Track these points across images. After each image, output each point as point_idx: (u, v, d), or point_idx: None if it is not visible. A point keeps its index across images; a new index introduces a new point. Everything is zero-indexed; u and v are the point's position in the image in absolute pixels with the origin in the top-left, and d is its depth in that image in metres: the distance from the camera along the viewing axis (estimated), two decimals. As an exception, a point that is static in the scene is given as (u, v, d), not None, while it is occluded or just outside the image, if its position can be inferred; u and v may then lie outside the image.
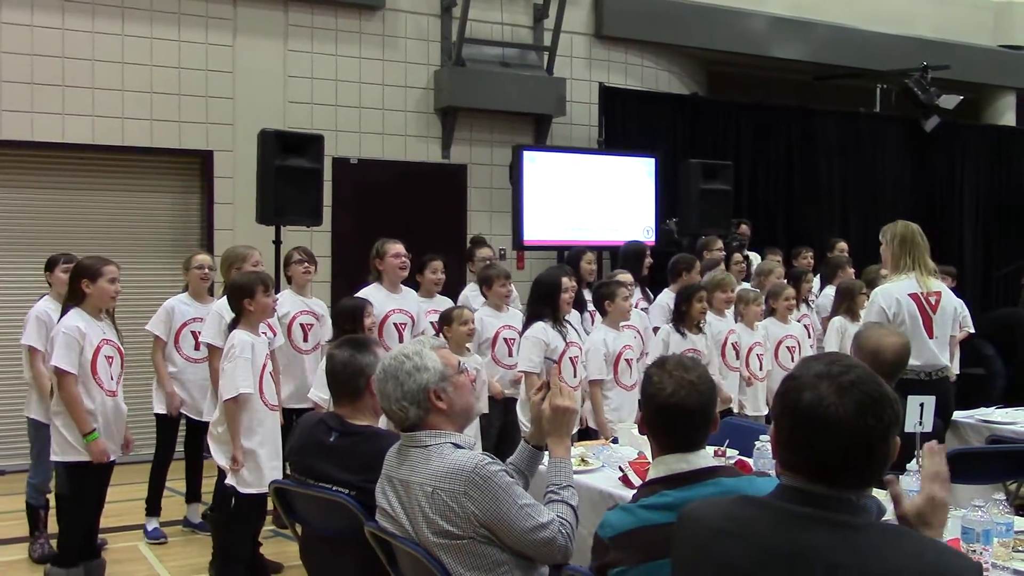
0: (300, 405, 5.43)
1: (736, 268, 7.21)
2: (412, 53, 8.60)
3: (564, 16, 8.77)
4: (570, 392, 2.94)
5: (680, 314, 5.84)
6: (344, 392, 3.14)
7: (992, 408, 5.53)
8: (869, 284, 6.40)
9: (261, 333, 4.67)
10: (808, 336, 6.62)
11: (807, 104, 10.80)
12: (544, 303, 5.43)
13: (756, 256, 8.24)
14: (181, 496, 5.88)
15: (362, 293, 5.57)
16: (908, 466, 2.98)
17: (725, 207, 8.43)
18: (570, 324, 5.56)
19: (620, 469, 3.72)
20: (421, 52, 8.64)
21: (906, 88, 10.60)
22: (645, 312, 6.51)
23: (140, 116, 7.56)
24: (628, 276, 6.27)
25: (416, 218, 8.07)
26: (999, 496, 2.99)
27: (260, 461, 4.47)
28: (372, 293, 5.60)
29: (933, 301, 4.86)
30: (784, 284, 6.68)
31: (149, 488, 5.62)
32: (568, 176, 8.51)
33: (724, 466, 2.52)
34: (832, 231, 9.81)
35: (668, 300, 6.32)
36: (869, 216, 10.54)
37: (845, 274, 7.17)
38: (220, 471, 4.59)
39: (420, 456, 2.65)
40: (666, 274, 6.79)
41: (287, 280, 5.88)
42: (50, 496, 5.20)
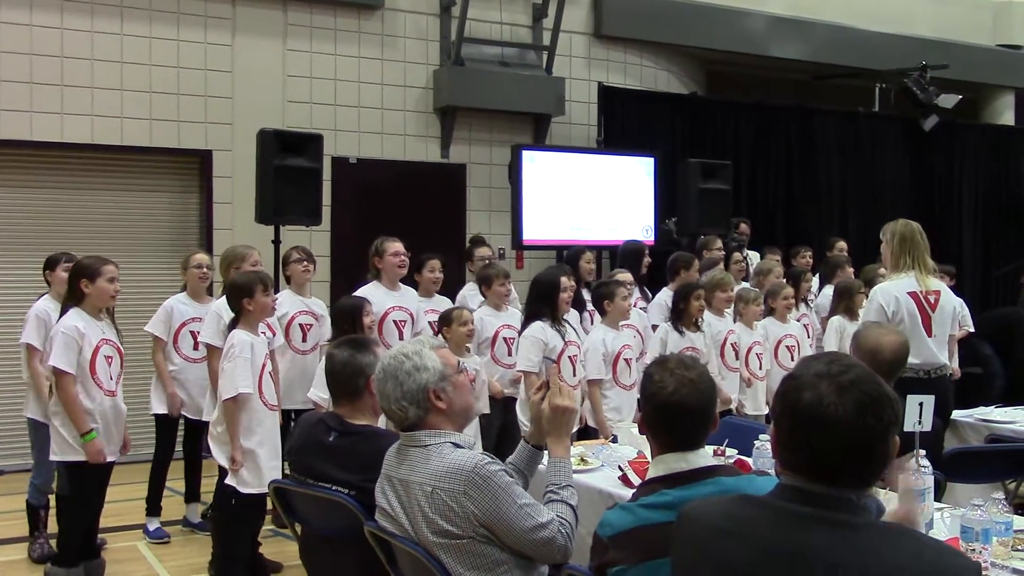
0: (299, 406, 5.44)
1: (736, 268, 7.21)
2: (411, 52, 8.60)
3: (563, 15, 8.77)
4: (569, 392, 2.94)
5: (678, 312, 5.85)
6: (343, 392, 3.14)
7: (991, 407, 5.54)
8: (868, 283, 6.40)
9: (260, 333, 4.67)
10: (807, 336, 6.62)
11: (806, 104, 10.79)
12: (542, 302, 5.43)
13: (757, 255, 8.24)
14: (180, 496, 5.87)
15: (361, 291, 5.57)
16: (907, 465, 2.98)
17: (724, 207, 8.43)
18: (569, 324, 5.57)
19: (619, 468, 3.72)
20: (420, 52, 8.64)
21: (905, 87, 10.60)
22: (644, 311, 6.51)
23: (139, 116, 7.56)
24: (628, 275, 6.27)
25: (415, 218, 8.06)
26: (998, 495, 2.99)
27: (259, 461, 4.47)
28: (371, 291, 5.61)
29: (932, 300, 4.86)
30: (783, 283, 6.68)
31: (149, 488, 5.62)
32: (567, 176, 8.51)
33: (723, 465, 2.52)
34: (831, 230, 9.80)
35: (667, 299, 6.32)
36: (868, 215, 10.54)
37: (844, 274, 7.16)
38: (220, 471, 4.59)
39: (420, 456, 2.66)
40: (665, 273, 6.80)
41: (286, 280, 5.88)
42: (50, 496, 5.20)
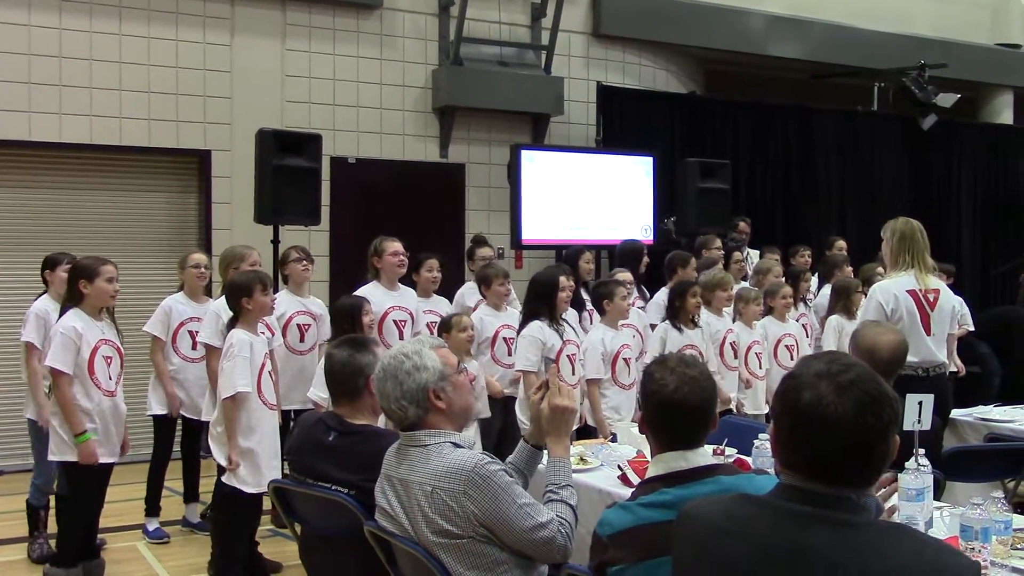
0: (298, 406, 5.43)
1: (735, 267, 7.20)
2: (410, 52, 8.60)
3: (562, 15, 8.76)
4: (569, 391, 2.94)
5: (674, 310, 5.84)
6: (343, 392, 3.14)
7: (990, 406, 5.54)
8: (866, 282, 6.39)
9: (260, 332, 4.66)
10: (806, 335, 6.62)
11: (805, 103, 10.78)
12: (541, 302, 5.42)
13: (756, 254, 8.23)
14: (179, 496, 5.87)
15: (361, 291, 5.57)
16: (907, 464, 2.98)
17: (723, 206, 8.43)
18: (567, 323, 5.57)
19: (619, 468, 3.72)
20: (419, 51, 8.64)
21: (904, 87, 10.60)
22: (642, 311, 6.51)
23: (138, 116, 7.55)
24: (627, 275, 6.27)
25: (414, 217, 8.06)
26: (997, 494, 2.98)
27: (259, 460, 4.46)
28: (370, 291, 5.61)
29: (932, 298, 4.86)
30: (781, 283, 6.67)
31: (148, 489, 5.62)
32: (566, 175, 8.51)
33: (723, 464, 2.52)
34: (830, 230, 9.79)
35: (665, 298, 6.31)
36: (867, 215, 10.54)
37: (843, 273, 7.14)
38: (219, 471, 4.59)
39: (419, 455, 2.66)
40: (663, 272, 6.80)
41: (283, 280, 5.87)
42: (51, 496, 5.20)
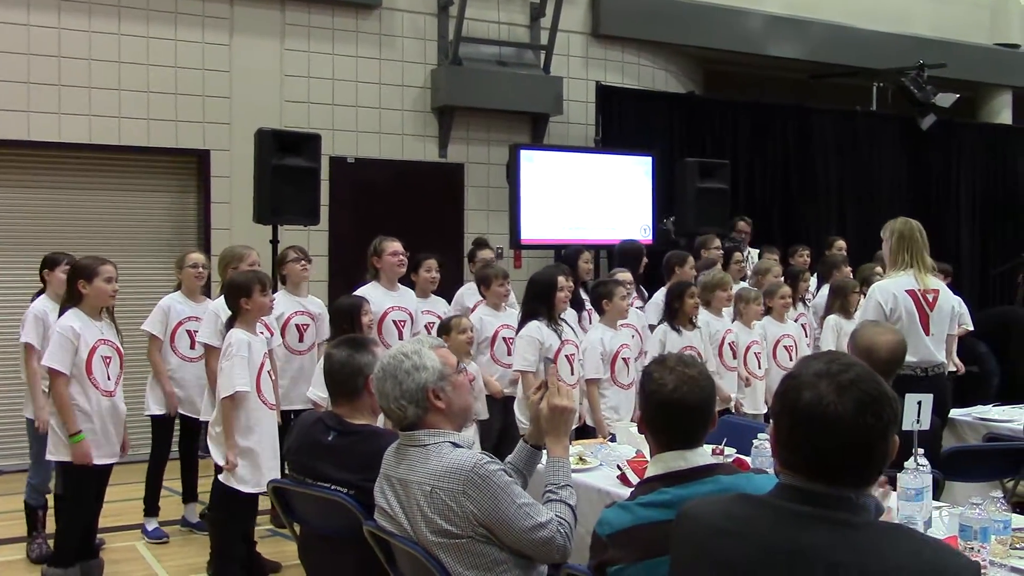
0: (298, 406, 5.43)
1: (735, 268, 7.20)
2: (409, 52, 8.60)
3: (561, 15, 8.76)
4: (568, 391, 2.94)
5: (673, 311, 5.81)
6: (342, 391, 3.14)
7: (989, 406, 5.54)
8: (864, 282, 6.40)
9: (259, 332, 4.66)
10: (805, 335, 6.62)
11: (804, 103, 10.79)
12: (539, 302, 5.42)
13: (757, 253, 8.23)
14: (178, 496, 5.87)
15: (360, 291, 5.57)
16: (906, 464, 2.98)
17: (722, 206, 8.43)
18: (566, 323, 5.56)
19: (618, 467, 3.72)
20: (418, 51, 8.64)
21: (902, 86, 10.60)
22: (641, 311, 6.51)
23: (137, 116, 7.55)
24: (627, 275, 6.27)
25: (413, 217, 8.05)
26: (996, 494, 2.98)
27: (258, 460, 4.47)
28: (370, 291, 5.61)
29: (931, 298, 4.86)
30: (780, 282, 6.67)
31: (146, 489, 5.61)
32: (565, 175, 8.51)
33: (722, 464, 2.52)
34: (829, 229, 9.80)
35: (664, 298, 6.31)
36: (866, 214, 10.55)
37: (841, 273, 7.13)
38: (216, 470, 4.59)
39: (419, 455, 2.66)
40: (661, 272, 6.80)
41: (281, 280, 5.85)
42: (48, 496, 5.20)
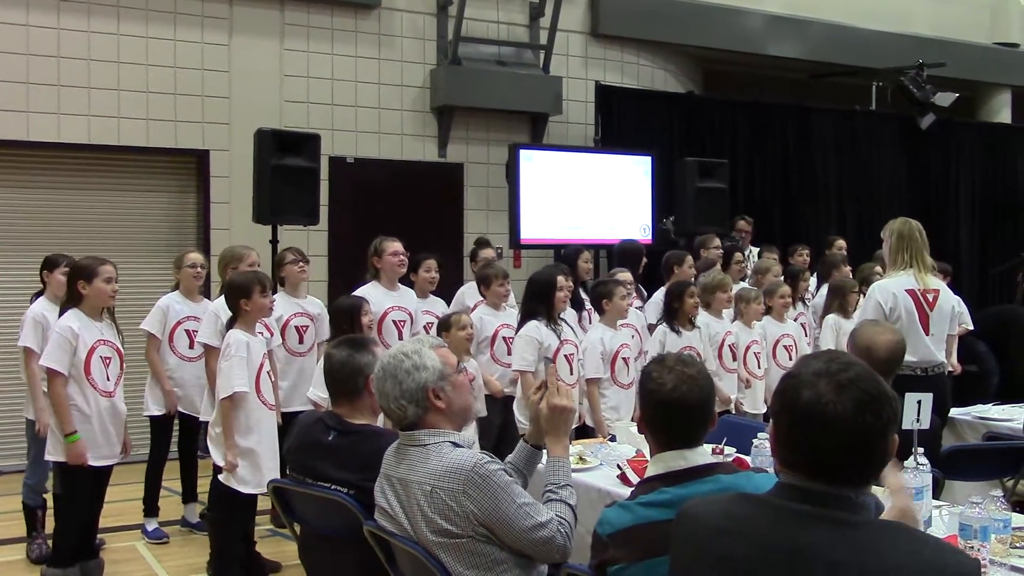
0: (299, 408, 5.42)
1: (736, 268, 7.19)
2: (408, 52, 8.60)
3: (560, 15, 8.76)
4: (568, 391, 2.94)
5: (672, 311, 5.80)
6: (342, 391, 3.14)
7: (988, 405, 5.55)
8: (863, 282, 6.41)
9: (258, 333, 4.66)
10: (805, 335, 6.62)
11: (803, 102, 10.80)
12: (538, 301, 5.42)
13: (756, 250, 8.23)
14: (178, 496, 5.87)
15: (360, 291, 5.57)
16: (906, 463, 2.98)
17: (721, 205, 8.44)
18: (566, 323, 5.56)
19: (618, 467, 3.72)
20: (417, 51, 8.64)
21: (902, 86, 10.60)
22: (640, 311, 6.50)
23: (136, 116, 7.55)
24: (627, 275, 6.26)
25: (413, 217, 8.05)
26: (996, 492, 2.99)
27: (259, 460, 4.47)
28: (370, 291, 5.60)
29: (931, 298, 4.86)
30: (780, 282, 6.66)
31: (146, 489, 5.61)
32: (565, 175, 8.51)
33: (722, 463, 2.52)
34: (829, 229, 9.80)
35: (663, 298, 6.31)
36: (865, 214, 10.56)
37: (840, 273, 7.13)
38: (214, 470, 4.59)
39: (419, 455, 2.66)
40: (660, 272, 6.80)
41: (279, 282, 5.84)
42: (47, 496, 5.19)
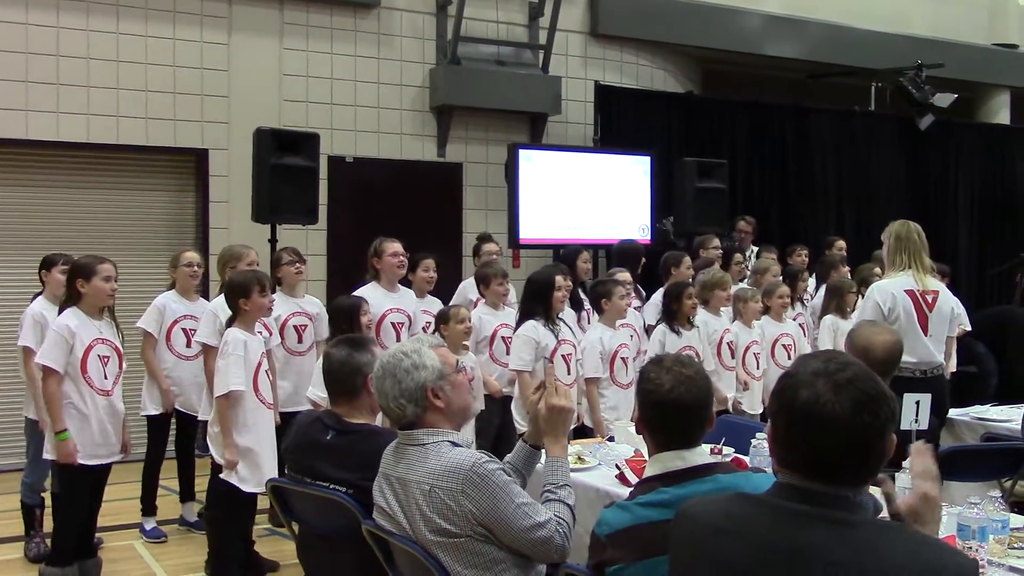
0: (297, 408, 5.42)
1: (735, 268, 7.20)
2: (408, 51, 8.60)
3: (559, 14, 8.76)
4: (566, 391, 2.95)
5: (671, 312, 5.80)
6: (341, 390, 3.14)
7: (987, 406, 5.55)
8: (862, 282, 6.42)
9: (257, 333, 4.66)
10: (804, 335, 6.62)
11: (802, 102, 10.80)
12: (536, 301, 5.42)
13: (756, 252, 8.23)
14: (175, 495, 5.87)
15: (360, 292, 5.56)
16: (904, 463, 2.98)
17: (720, 205, 8.44)
18: (565, 323, 5.56)
19: (617, 467, 3.72)
20: (416, 50, 8.64)
21: (901, 86, 10.59)
22: (638, 311, 6.51)
23: (135, 114, 7.54)
24: (626, 275, 6.27)
25: (412, 216, 8.05)
26: (994, 493, 2.99)
27: (259, 459, 4.47)
28: (369, 292, 5.60)
29: (930, 299, 4.87)
30: (778, 282, 6.66)
31: (143, 488, 5.62)
32: (564, 174, 8.51)
33: (720, 463, 2.52)
34: (827, 229, 9.80)
35: (661, 299, 6.31)
36: (864, 214, 10.57)
37: (839, 274, 7.13)
38: (213, 469, 4.59)
39: (417, 454, 2.66)
40: (659, 273, 6.80)
41: (276, 282, 5.83)
42: (46, 495, 5.19)
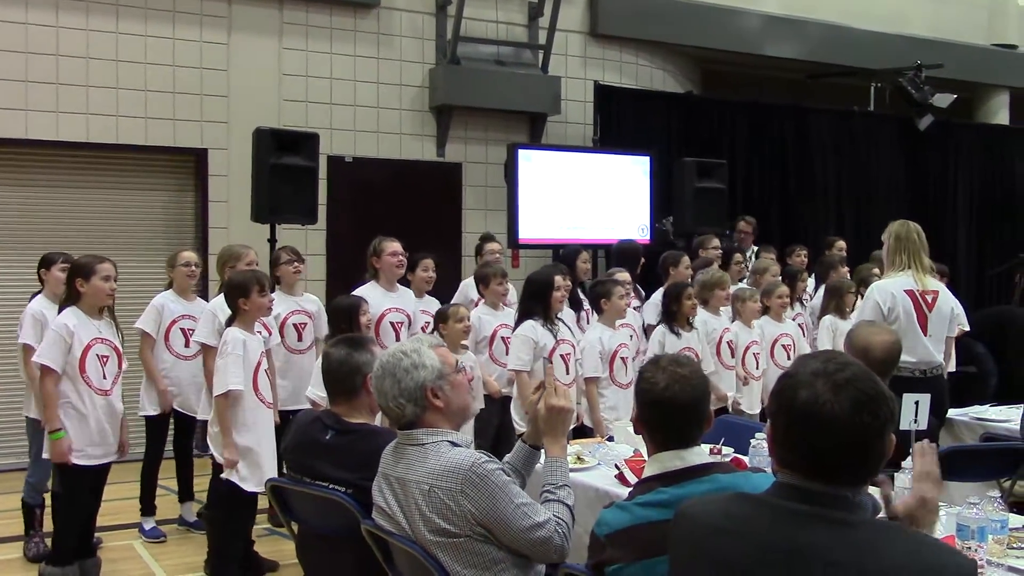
0: (298, 406, 5.42)
1: (735, 268, 7.19)
2: (407, 51, 8.59)
3: (559, 14, 8.76)
4: (565, 391, 2.95)
5: (671, 313, 5.80)
6: (340, 390, 3.14)
7: (986, 406, 5.55)
8: (861, 282, 6.42)
9: (256, 332, 4.66)
10: (803, 335, 6.62)
11: (801, 102, 10.80)
12: (535, 301, 5.42)
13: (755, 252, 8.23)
14: (174, 495, 5.87)
15: (359, 292, 5.56)
16: (903, 464, 2.99)
17: (720, 206, 8.44)
18: (564, 323, 5.56)
19: (616, 467, 3.73)
20: (416, 50, 8.63)
21: (900, 87, 10.60)
22: (637, 311, 6.51)
23: (135, 114, 7.54)
24: (626, 275, 6.27)
25: (411, 216, 8.05)
26: (993, 493, 2.99)
27: (259, 459, 4.47)
28: (369, 292, 5.60)
29: (930, 299, 4.87)
30: (778, 282, 6.66)
31: (142, 488, 5.62)
32: (563, 174, 8.51)
33: (719, 463, 2.53)
34: (827, 229, 9.80)
35: (661, 299, 6.31)
36: (863, 214, 10.57)
37: (838, 274, 7.13)
38: (213, 469, 4.59)
39: (417, 454, 2.66)
40: (658, 273, 6.80)
41: (275, 281, 5.84)
42: (46, 495, 5.19)
